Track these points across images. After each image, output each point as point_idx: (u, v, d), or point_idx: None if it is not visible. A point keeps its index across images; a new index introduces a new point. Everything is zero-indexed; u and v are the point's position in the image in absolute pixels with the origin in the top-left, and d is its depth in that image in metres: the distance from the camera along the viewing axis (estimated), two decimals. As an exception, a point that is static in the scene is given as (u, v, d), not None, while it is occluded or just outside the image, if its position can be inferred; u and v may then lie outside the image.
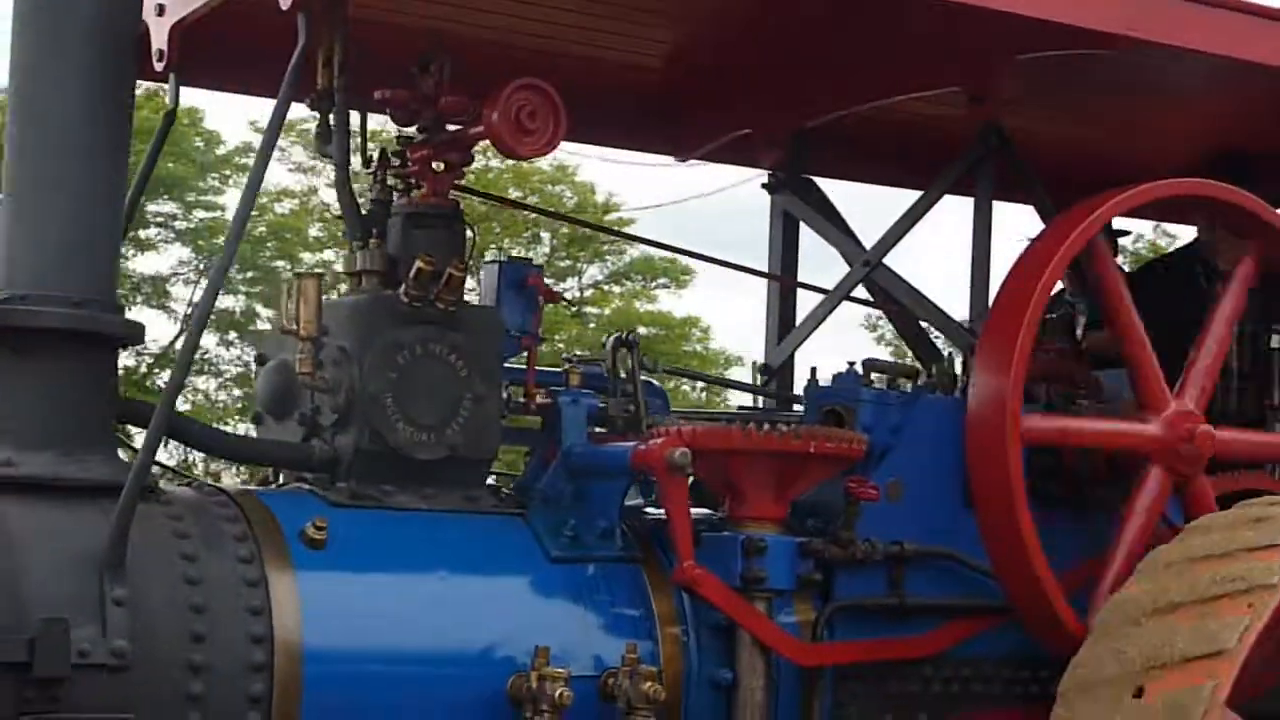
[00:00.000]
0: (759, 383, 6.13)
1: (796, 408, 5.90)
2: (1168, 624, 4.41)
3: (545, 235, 41.44)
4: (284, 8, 4.30)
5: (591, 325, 42.19)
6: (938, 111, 5.67)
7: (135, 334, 4.41)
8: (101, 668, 3.90)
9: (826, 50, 5.42)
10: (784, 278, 6.21)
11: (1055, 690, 4.77)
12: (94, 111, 4.29)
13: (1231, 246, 6.02)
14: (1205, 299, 5.75)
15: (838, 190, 6.37)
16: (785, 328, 6.23)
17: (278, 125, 4.33)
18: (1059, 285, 6.19)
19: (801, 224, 6.26)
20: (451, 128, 4.83)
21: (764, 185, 6.33)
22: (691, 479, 4.66)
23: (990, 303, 5.24)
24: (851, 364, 5.19)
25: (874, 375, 5.20)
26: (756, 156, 6.28)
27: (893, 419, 5.06)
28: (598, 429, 5.03)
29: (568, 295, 43.02)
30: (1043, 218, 5.64)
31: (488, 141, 4.66)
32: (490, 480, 5.05)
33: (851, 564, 4.89)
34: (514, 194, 38.93)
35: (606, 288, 43.80)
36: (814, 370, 5.27)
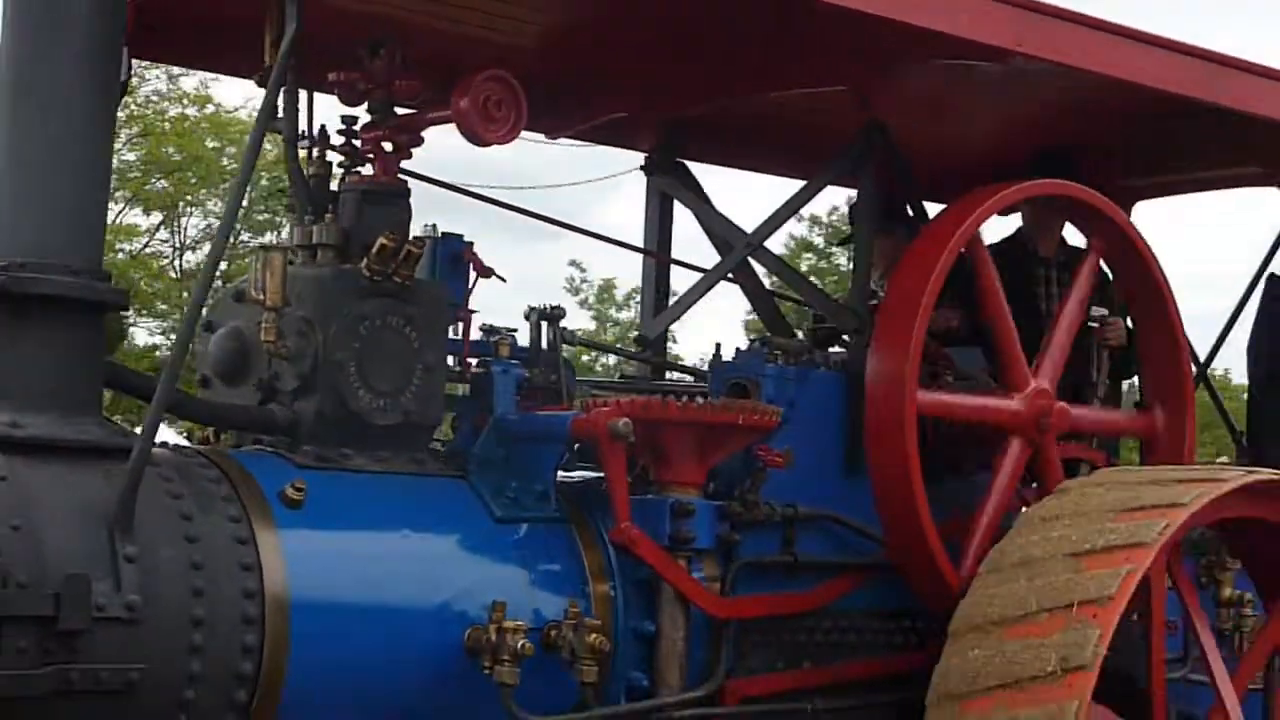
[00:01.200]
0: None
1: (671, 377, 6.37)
2: (1052, 570, 5.04)
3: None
4: None
5: None
6: (818, 105, 6.16)
7: (123, 301, 4.65)
8: (116, 620, 4.16)
9: (708, 42, 5.80)
10: (660, 255, 6.66)
11: (917, 638, 5.69)
12: (89, 83, 4.49)
13: (1048, 235, 6.74)
14: (1031, 282, 6.44)
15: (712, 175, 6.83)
16: (661, 303, 6.68)
17: (270, 110, 4.60)
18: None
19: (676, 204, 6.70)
20: (401, 111, 5.15)
21: (641, 168, 6.76)
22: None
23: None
24: (753, 341, 5.68)
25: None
26: (632, 139, 6.68)
27: (789, 393, 5.56)
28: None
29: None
30: (912, 209, 6.20)
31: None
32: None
33: (754, 525, 5.39)
34: (212, 144, 38.69)
35: None
36: (719, 346, 5.75)
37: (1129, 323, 6.53)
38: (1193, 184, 7.74)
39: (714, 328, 12.60)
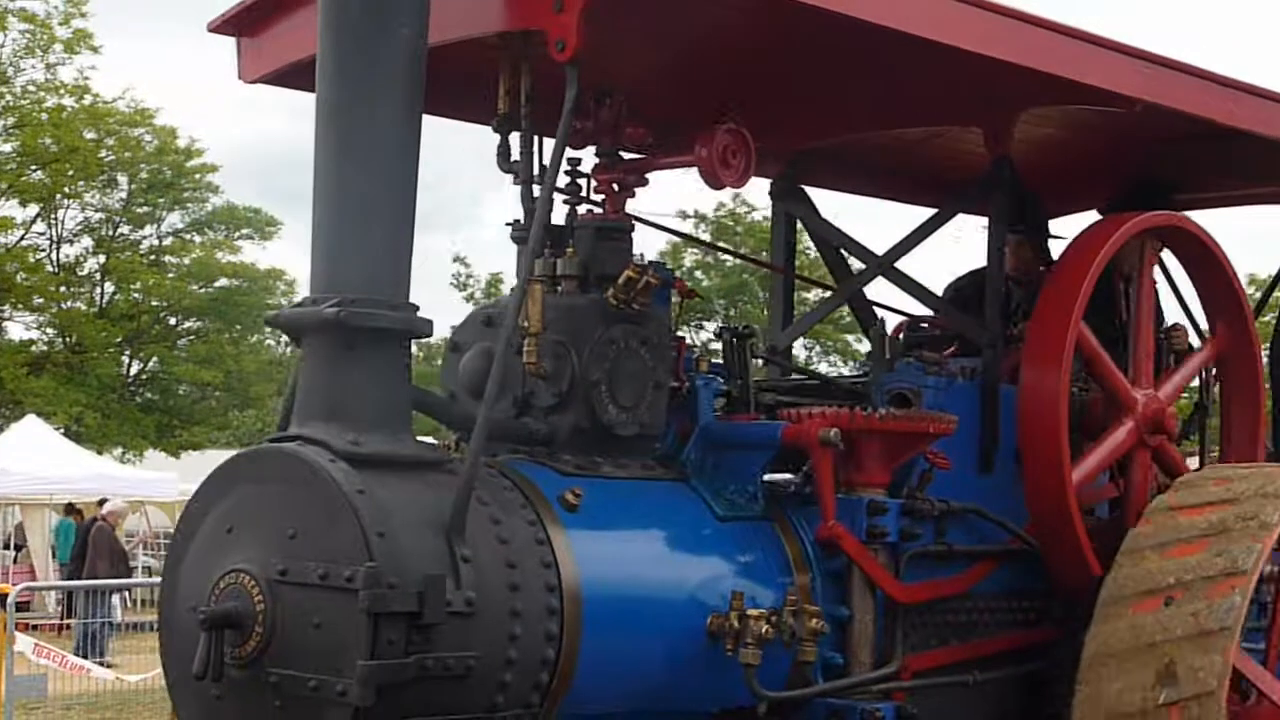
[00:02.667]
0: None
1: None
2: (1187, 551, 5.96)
3: (122, 179, 41.25)
4: (559, 59, 5.18)
5: (171, 275, 41.99)
6: (940, 137, 6.99)
7: (429, 330, 5.35)
8: (459, 615, 4.86)
9: (852, 81, 6.52)
10: (787, 270, 7.45)
11: (1036, 616, 6.66)
12: (401, 140, 5.15)
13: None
14: None
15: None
16: (788, 316, 7.48)
17: (557, 164, 5.32)
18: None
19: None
20: (628, 155, 5.90)
21: (769, 192, 7.54)
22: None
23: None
24: (909, 356, 6.49)
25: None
26: (761, 167, 7.42)
27: (941, 402, 6.39)
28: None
29: (146, 243, 42.57)
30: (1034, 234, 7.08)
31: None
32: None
33: (921, 519, 6.20)
34: (90, 136, 38.62)
35: (188, 236, 43.56)
36: (885, 358, 6.54)
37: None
38: (1222, 200, 8.68)
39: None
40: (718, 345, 6.49)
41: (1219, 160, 7.41)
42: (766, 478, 6.19)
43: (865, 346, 7.86)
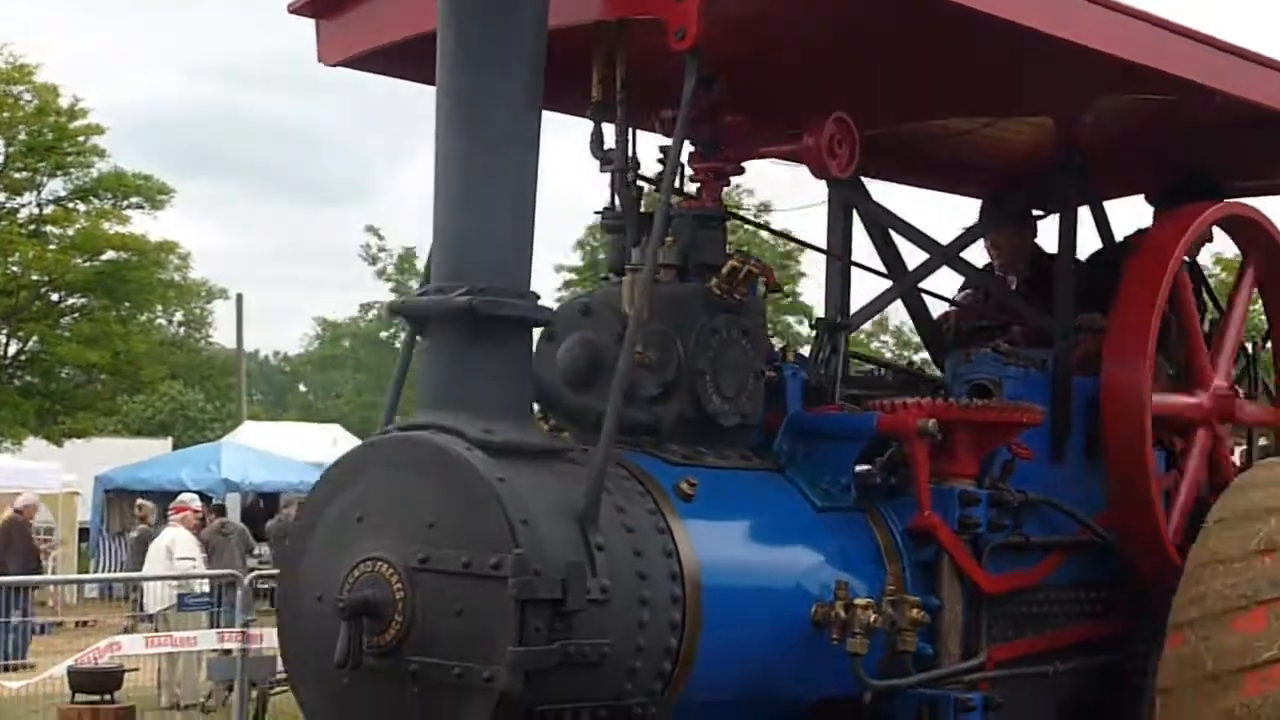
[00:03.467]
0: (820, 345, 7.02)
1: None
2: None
3: None
4: (678, 47, 5.26)
5: (53, 246, 40.64)
6: (1001, 128, 7.09)
7: (551, 319, 5.40)
8: (595, 602, 4.95)
9: (920, 67, 6.58)
10: (843, 257, 7.54)
11: (1103, 607, 6.83)
12: (523, 135, 5.26)
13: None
14: None
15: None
16: (845, 306, 7.57)
17: (676, 160, 5.44)
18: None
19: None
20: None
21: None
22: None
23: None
24: (987, 349, 6.60)
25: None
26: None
27: (1019, 392, 6.51)
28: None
29: (25, 211, 41.30)
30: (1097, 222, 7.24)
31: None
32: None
33: (1005, 509, 6.32)
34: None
35: (72, 205, 41.93)
36: (967, 352, 6.67)
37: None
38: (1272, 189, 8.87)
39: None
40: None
41: (1267, 148, 7.57)
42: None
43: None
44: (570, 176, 7.40)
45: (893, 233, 7.39)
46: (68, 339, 39.59)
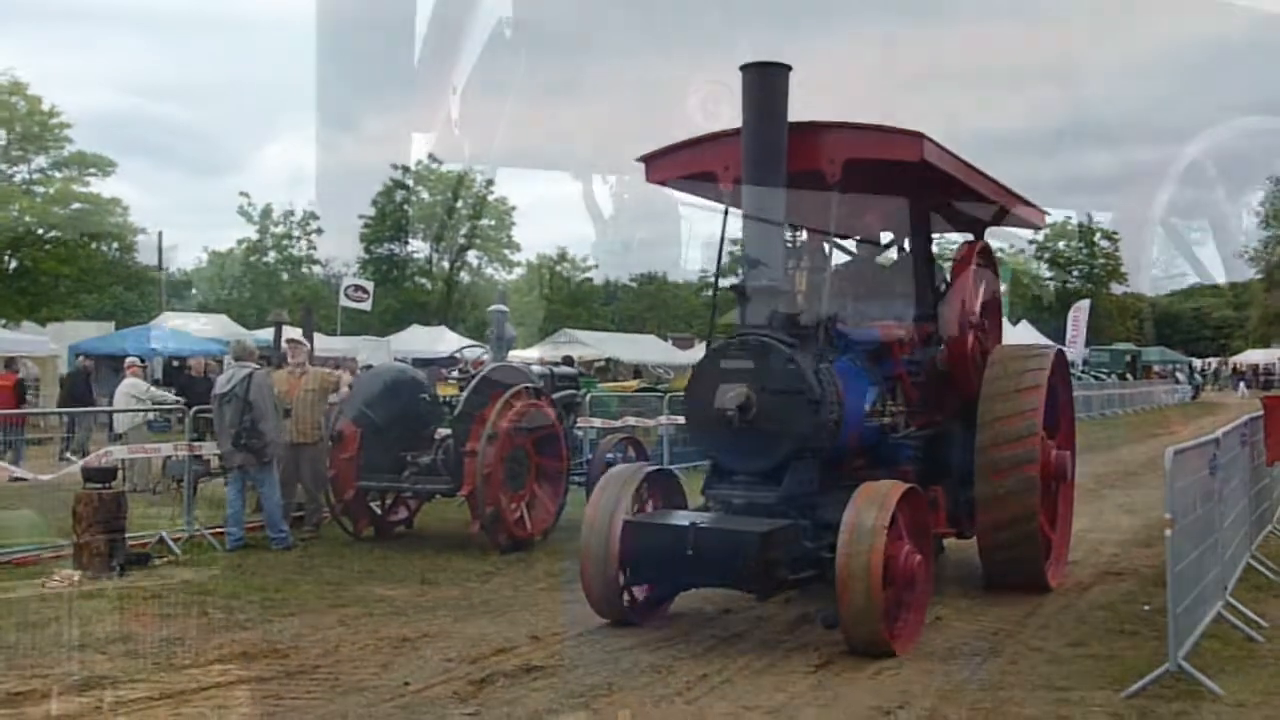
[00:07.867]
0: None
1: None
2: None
3: (2, 132, 56.03)
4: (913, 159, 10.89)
5: (39, 200, 56.18)
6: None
7: None
8: None
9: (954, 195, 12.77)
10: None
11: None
12: (779, 204, 10.90)
13: None
14: None
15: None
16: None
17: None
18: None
19: None
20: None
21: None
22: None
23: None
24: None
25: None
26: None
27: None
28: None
29: (19, 177, 56.71)
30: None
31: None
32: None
33: None
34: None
35: (50, 173, 57.54)
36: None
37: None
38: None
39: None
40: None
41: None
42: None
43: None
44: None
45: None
46: (49, 259, 55.35)
